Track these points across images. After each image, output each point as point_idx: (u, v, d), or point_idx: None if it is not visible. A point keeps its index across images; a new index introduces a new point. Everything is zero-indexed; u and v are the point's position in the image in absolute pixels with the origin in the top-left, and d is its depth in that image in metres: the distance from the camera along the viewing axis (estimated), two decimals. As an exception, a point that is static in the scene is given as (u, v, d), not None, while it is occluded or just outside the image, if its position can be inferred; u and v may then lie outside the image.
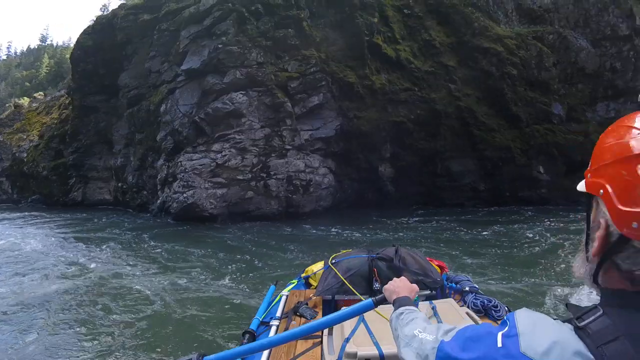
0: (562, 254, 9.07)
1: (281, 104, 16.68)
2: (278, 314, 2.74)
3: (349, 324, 2.13)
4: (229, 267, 8.81)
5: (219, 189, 16.07)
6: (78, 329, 5.27)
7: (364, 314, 1.98)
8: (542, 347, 0.67)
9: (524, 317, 0.75)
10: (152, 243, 12.07)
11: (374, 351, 1.89)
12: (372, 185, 19.01)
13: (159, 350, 4.64)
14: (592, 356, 0.64)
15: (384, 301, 1.50)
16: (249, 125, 16.41)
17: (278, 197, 16.66)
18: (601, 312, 0.69)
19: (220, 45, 16.41)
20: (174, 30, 18.20)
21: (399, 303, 1.31)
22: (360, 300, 2.21)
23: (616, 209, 0.70)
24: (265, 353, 2.19)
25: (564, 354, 0.65)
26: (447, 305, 2.40)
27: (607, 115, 20.01)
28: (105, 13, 35.74)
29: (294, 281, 3.61)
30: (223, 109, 16.20)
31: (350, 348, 1.93)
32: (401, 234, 13.02)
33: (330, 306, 2.82)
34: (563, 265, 8.07)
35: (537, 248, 10.21)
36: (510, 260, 9.02)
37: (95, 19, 26.52)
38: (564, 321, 0.73)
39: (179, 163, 16.40)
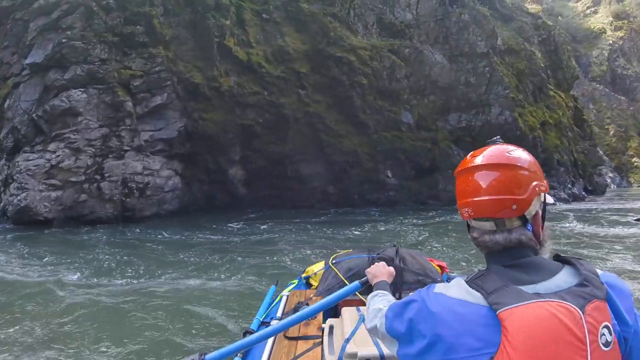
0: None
1: (121, 103, 16.73)
2: (278, 314, 2.78)
3: (349, 324, 2.15)
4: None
5: (54, 192, 15.55)
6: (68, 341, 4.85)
7: (364, 315, 2.00)
8: (446, 286, 1.01)
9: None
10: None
11: (374, 351, 1.89)
12: (223, 188, 19.26)
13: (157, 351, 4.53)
14: (467, 286, 0.96)
15: (366, 283, 1.65)
16: (85, 125, 16.27)
17: (112, 201, 16.35)
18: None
19: (64, 40, 16.34)
20: (27, 20, 17.63)
21: (376, 286, 1.47)
22: (362, 300, 2.36)
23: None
24: (266, 353, 2.22)
25: (460, 283, 0.98)
26: None
27: (459, 124, 20.95)
28: None
29: (294, 281, 3.65)
30: (60, 106, 16.04)
31: (350, 348, 1.95)
32: (236, 238, 12.44)
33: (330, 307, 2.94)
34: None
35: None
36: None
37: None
38: None
39: (17, 163, 15.82)
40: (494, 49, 23.05)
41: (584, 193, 25.52)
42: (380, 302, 1.26)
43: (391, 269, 1.62)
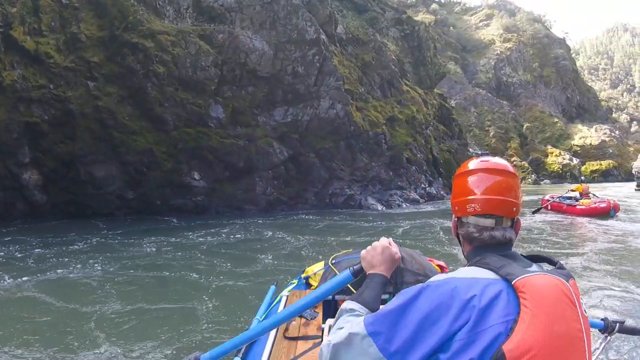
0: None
1: None
2: None
3: None
4: None
5: None
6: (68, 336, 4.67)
7: None
8: (447, 274, 1.10)
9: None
10: None
11: None
12: (20, 195, 15.83)
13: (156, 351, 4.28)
14: (473, 267, 1.09)
15: (360, 271, 1.46)
16: None
17: None
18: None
19: None
20: None
21: (366, 283, 1.34)
22: None
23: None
24: (266, 353, 2.17)
25: (462, 269, 1.11)
26: None
27: (284, 119, 18.29)
28: None
29: (294, 281, 3.47)
30: None
31: None
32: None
33: (330, 306, 2.64)
34: None
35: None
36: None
37: None
38: None
39: None
40: (331, 36, 20.82)
41: (442, 192, 23.79)
42: (348, 323, 1.16)
43: (393, 250, 1.43)
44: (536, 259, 1.18)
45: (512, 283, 0.98)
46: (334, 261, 3.02)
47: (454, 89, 53.21)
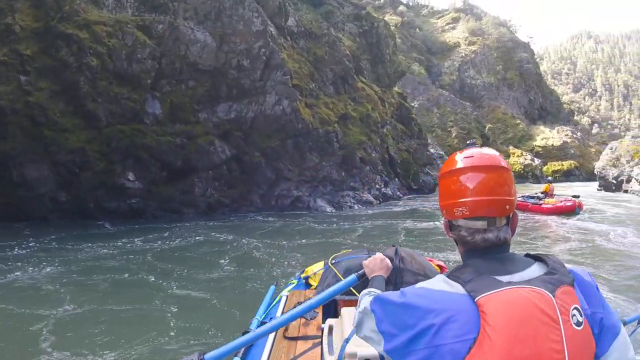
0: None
1: None
2: (278, 314, 2.77)
3: (349, 324, 2.11)
4: None
5: None
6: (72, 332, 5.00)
7: None
8: (427, 281, 1.07)
9: None
10: None
11: (374, 351, 1.85)
12: None
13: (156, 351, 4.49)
14: (446, 278, 1.02)
15: (363, 275, 1.70)
16: None
17: None
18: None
19: None
20: None
21: (372, 281, 1.53)
22: None
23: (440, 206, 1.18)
24: (265, 353, 2.19)
25: (440, 277, 1.05)
26: None
27: (228, 116, 17.30)
28: None
29: (293, 281, 3.54)
30: None
31: (350, 348, 1.93)
32: None
33: (330, 306, 2.84)
34: None
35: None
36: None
37: None
38: None
39: None
40: (281, 29, 19.91)
41: (399, 193, 23.16)
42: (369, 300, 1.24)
43: (388, 262, 1.64)
44: (537, 258, 1.09)
45: (475, 300, 0.94)
46: (333, 261, 3.06)
47: (418, 89, 53.04)
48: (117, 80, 15.71)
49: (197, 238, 11.45)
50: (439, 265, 3.25)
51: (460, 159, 1.14)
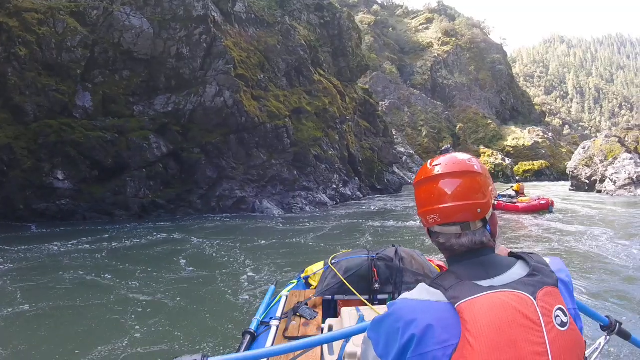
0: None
1: None
2: (278, 314, 2.74)
3: (348, 324, 2.13)
4: None
5: None
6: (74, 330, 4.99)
7: (364, 314, 2.17)
8: (409, 292, 1.04)
9: None
10: None
11: None
12: None
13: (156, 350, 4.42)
14: (428, 286, 1.00)
15: None
16: None
17: None
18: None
19: None
20: None
21: None
22: (361, 300, 2.56)
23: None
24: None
25: (422, 286, 1.02)
26: None
27: (165, 109, 15.90)
28: None
29: (293, 281, 3.52)
30: None
31: (350, 348, 1.95)
32: None
33: (330, 306, 2.84)
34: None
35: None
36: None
37: None
38: None
39: None
40: (227, 15, 18.52)
41: (359, 193, 21.99)
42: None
43: None
44: (520, 257, 1.09)
45: (455, 307, 0.94)
46: (333, 261, 3.04)
47: (389, 88, 52.25)
48: (46, 71, 14.45)
49: (117, 245, 10.23)
50: (439, 266, 3.25)
51: (430, 168, 1.14)
